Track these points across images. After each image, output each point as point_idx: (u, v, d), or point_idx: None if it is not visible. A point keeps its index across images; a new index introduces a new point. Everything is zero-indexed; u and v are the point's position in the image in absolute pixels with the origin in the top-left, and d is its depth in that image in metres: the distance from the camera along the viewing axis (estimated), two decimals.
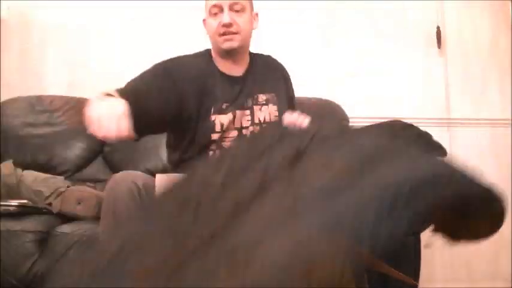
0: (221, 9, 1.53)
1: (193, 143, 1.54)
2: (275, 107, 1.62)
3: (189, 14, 2.63)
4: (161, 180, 1.35)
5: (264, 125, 1.58)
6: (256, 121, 1.58)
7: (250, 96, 1.60)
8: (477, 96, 2.73)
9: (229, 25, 1.52)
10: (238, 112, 1.56)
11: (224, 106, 1.55)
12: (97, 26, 2.62)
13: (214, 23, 1.54)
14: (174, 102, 1.49)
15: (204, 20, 1.62)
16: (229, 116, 1.54)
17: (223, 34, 1.53)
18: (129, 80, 1.51)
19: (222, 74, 1.60)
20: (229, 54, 1.58)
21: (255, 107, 1.59)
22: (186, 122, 1.53)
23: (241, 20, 1.55)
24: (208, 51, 1.65)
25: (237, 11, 1.54)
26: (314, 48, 2.68)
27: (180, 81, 1.51)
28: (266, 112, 1.60)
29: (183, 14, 2.64)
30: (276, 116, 1.61)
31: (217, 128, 1.53)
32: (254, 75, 1.63)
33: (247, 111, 1.58)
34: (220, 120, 1.53)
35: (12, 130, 2.28)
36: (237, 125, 1.56)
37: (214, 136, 1.54)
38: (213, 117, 1.53)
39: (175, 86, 1.50)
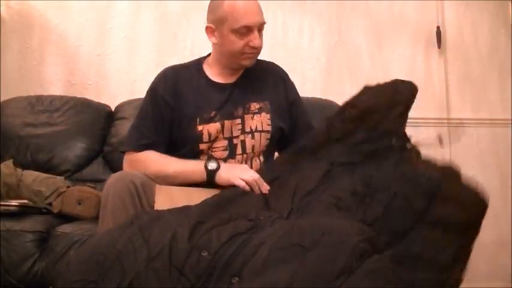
0: (249, 30, 1.50)
1: (182, 154, 1.54)
2: (268, 116, 1.58)
3: (190, 14, 2.64)
4: (161, 192, 1.35)
5: (255, 133, 1.56)
6: (248, 130, 1.55)
7: (240, 104, 1.57)
8: (477, 96, 2.73)
9: (259, 47, 1.53)
10: (226, 122, 1.53)
11: (212, 114, 1.53)
12: (97, 26, 2.62)
13: (240, 42, 1.50)
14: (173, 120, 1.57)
15: (209, 28, 1.55)
16: (217, 125, 1.52)
17: (248, 53, 1.53)
18: (137, 123, 1.59)
19: (211, 82, 1.59)
20: (241, 67, 1.59)
21: (246, 115, 1.56)
22: (172, 131, 1.56)
23: (261, 40, 1.54)
24: (199, 60, 1.65)
25: (259, 31, 1.53)
26: (314, 48, 2.68)
27: (173, 100, 1.55)
28: (258, 121, 1.56)
29: (183, 14, 2.64)
30: (268, 125, 1.57)
31: (205, 138, 1.52)
32: (246, 83, 1.61)
33: (238, 120, 1.55)
34: (208, 129, 1.52)
35: (12, 130, 2.28)
36: (227, 134, 1.54)
37: (203, 146, 1.53)
38: (200, 127, 1.51)
39: (173, 108, 1.55)
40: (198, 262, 0.83)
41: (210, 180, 1.43)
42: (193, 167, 1.46)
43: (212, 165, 1.43)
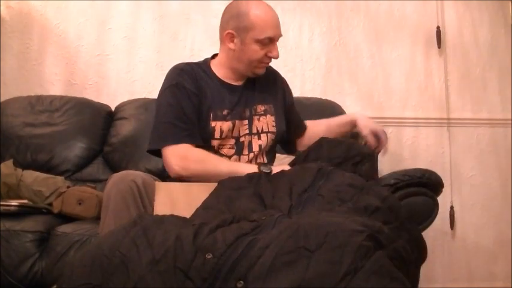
0: (271, 41, 1.54)
1: None
2: (273, 118, 1.64)
3: (190, 14, 2.64)
4: (160, 189, 1.35)
5: (261, 134, 1.60)
6: (254, 131, 1.60)
7: (248, 106, 1.61)
8: (477, 96, 2.73)
9: (277, 58, 1.57)
10: (237, 122, 1.57)
11: (225, 113, 1.55)
12: (97, 26, 2.61)
13: (261, 52, 1.54)
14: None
15: (229, 34, 1.55)
16: (229, 124, 1.55)
17: (265, 62, 1.58)
18: (168, 119, 1.52)
19: (223, 82, 1.62)
20: (253, 75, 1.62)
21: (254, 117, 1.60)
22: None
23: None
24: (205, 61, 1.66)
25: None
26: (314, 48, 2.68)
27: (197, 92, 1.55)
28: (264, 122, 1.62)
29: (183, 14, 2.64)
30: (273, 127, 1.63)
31: (217, 134, 1.53)
32: (253, 86, 1.65)
33: (245, 121, 1.59)
34: (221, 126, 1.54)
35: (12, 130, 2.28)
36: (235, 134, 1.57)
37: (214, 143, 1.54)
38: (213, 124, 1.53)
39: (199, 100, 1.55)
40: (203, 265, 0.82)
41: None
42: (247, 170, 1.41)
43: (266, 169, 1.42)
